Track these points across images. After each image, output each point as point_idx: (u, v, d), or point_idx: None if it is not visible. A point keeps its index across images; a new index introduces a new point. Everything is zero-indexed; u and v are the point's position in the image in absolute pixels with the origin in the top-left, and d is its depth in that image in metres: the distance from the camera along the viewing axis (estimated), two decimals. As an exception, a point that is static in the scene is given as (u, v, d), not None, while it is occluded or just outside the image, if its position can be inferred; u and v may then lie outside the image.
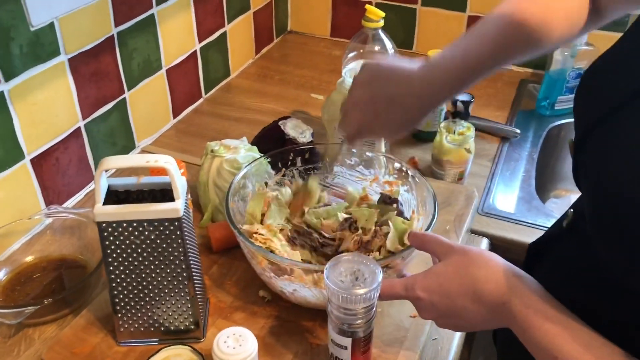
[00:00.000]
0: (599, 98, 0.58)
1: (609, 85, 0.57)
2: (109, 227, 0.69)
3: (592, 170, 0.55)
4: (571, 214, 0.67)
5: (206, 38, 1.37)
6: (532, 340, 0.57)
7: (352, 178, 0.95)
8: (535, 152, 1.24)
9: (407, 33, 1.59)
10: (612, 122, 0.54)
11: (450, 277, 0.63)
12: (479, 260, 0.63)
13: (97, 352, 0.77)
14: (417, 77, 0.72)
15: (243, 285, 0.87)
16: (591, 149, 0.56)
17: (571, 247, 0.65)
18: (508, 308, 0.58)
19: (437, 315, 0.66)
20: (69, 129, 1.04)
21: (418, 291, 0.65)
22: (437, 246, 0.68)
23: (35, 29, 0.92)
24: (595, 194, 0.54)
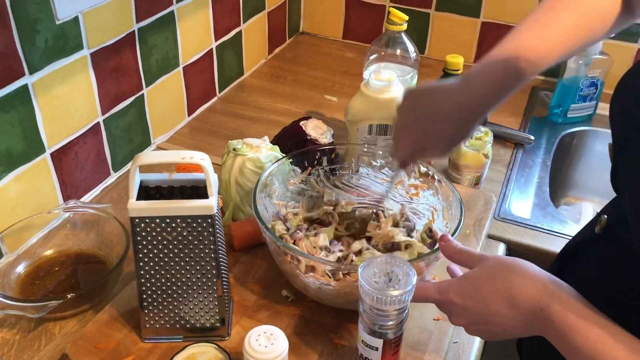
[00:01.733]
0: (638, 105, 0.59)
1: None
2: (141, 223, 0.69)
3: (636, 175, 0.55)
4: (604, 220, 0.67)
5: (222, 37, 1.36)
6: (573, 345, 0.56)
7: (378, 180, 0.95)
8: (549, 159, 1.25)
9: (420, 37, 1.60)
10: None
11: (484, 282, 0.63)
12: (514, 266, 0.62)
13: (122, 348, 0.77)
14: (457, 90, 0.72)
15: (266, 283, 0.87)
16: (635, 154, 0.56)
17: (606, 252, 0.65)
18: (546, 313, 0.58)
19: (469, 321, 0.65)
20: (88, 123, 1.03)
21: (452, 295, 0.64)
22: (469, 256, 0.68)
23: (60, 22, 0.91)
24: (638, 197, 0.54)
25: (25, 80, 0.88)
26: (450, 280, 0.67)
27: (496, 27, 1.51)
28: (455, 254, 0.70)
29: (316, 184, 0.95)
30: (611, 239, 0.65)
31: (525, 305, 0.60)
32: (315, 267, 0.76)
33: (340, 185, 0.98)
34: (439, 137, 0.74)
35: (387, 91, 0.98)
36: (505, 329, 0.63)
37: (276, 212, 0.90)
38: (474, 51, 1.56)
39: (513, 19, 1.48)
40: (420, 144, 0.75)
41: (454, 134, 0.74)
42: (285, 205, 0.92)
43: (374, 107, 0.98)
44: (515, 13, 1.47)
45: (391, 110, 0.98)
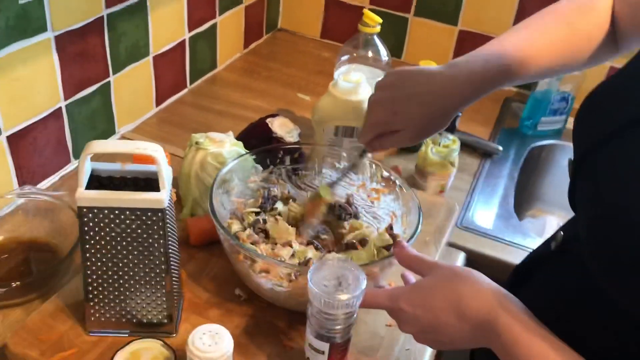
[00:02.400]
0: (599, 123, 0.59)
1: (610, 111, 0.58)
2: (89, 213, 0.67)
3: (590, 194, 0.55)
4: (560, 237, 0.67)
5: (196, 28, 1.34)
6: (515, 358, 0.56)
7: (341, 182, 0.94)
8: (516, 170, 1.26)
9: (398, 41, 1.60)
10: (613, 148, 0.54)
11: (435, 292, 0.63)
12: (465, 277, 0.62)
13: (65, 340, 0.75)
14: (438, 74, 0.72)
15: (219, 282, 0.85)
16: (590, 173, 0.57)
17: (560, 269, 0.65)
18: (493, 325, 0.58)
19: (418, 329, 0.65)
20: (49, 108, 1.01)
21: (402, 303, 0.64)
22: (422, 264, 0.68)
23: (23, 2, 0.89)
24: (593, 216, 0.55)
25: (-17, 60, 0.86)
26: (401, 288, 0.66)
27: (473, 36, 1.52)
28: (408, 261, 0.70)
29: (276, 182, 0.94)
30: (566, 256, 0.65)
31: (473, 317, 0.60)
32: (270, 268, 0.75)
33: (302, 185, 0.96)
34: (410, 119, 0.73)
35: (355, 93, 0.97)
36: (453, 340, 0.62)
37: (233, 210, 0.89)
38: (450, 58, 1.56)
39: (490, 28, 1.49)
40: (391, 124, 0.74)
41: (426, 119, 0.73)
42: (244, 203, 0.90)
43: (341, 108, 0.97)
44: (493, 23, 1.48)
45: (358, 112, 0.97)
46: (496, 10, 1.46)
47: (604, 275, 0.53)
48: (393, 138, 0.77)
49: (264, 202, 0.89)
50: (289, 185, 0.95)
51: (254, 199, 0.91)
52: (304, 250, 0.82)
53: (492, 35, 1.47)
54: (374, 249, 0.84)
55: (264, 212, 0.89)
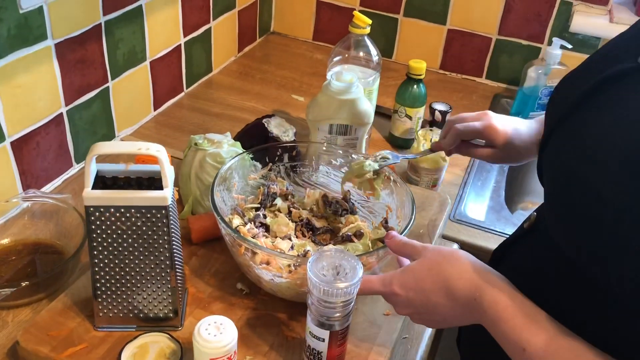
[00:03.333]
0: (562, 101, 0.64)
1: (572, 88, 0.62)
2: (96, 212, 0.70)
3: (551, 159, 0.60)
4: (534, 217, 0.72)
5: (191, 33, 1.37)
6: (502, 333, 0.60)
7: (337, 179, 0.98)
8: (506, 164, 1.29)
9: (388, 42, 1.63)
10: (568, 120, 0.59)
11: (424, 274, 0.67)
12: (450, 258, 0.66)
13: (74, 336, 0.77)
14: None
15: (221, 277, 0.88)
16: (551, 145, 0.61)
17: (531, 246, 0.69)
18: (479, 303, 0.62)
19: (413, 311, 0.69)
20: (51, 114, 1.04)
21: (395, 287, 0.68)
22: (412, 249, 0.72)
23: (24, 11, 0.92)
24: (553, 182, 0.59)
25: (-13, 68, 0.89)
26: (393, 273, 0.70)
27: (461, 34, 1.55)
28: (399, 247, 0.74)
29: (275, 180, 0.97)
30: (538, 233, 0.69)
31: (460, 296, 0.64)
32: (270, 259, 0.78)
33: (300, 182, 1.00)
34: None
35: (347, 92, 1.00)
36: (446, 318, 0.67)
37: (234, 206, 0.92)
38: (440, 57, 1.60)
39: (478, 27, 1.52)
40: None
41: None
42: (245, 199, 0.94)
43: (335, 107, 1.01)
44: (481, 22, 1.52)
45: (351, 110, 1.00)
46: (483, 9, 1.50)
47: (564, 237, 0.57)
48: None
49: (264, 198, 0.92)
50: (288, 182, 0.98)
51: (254, 195, 0.94)
52: (302, 244, 0.85)
53: (481, 34, 1.52)
54: (369, 242, 0.87)
55: (264, 208, 0.92)
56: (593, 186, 0.52)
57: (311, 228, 0.91)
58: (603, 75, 0.57)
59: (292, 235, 0.88)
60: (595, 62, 0.64)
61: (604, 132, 0.54)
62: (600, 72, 0.58)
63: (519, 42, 1.51)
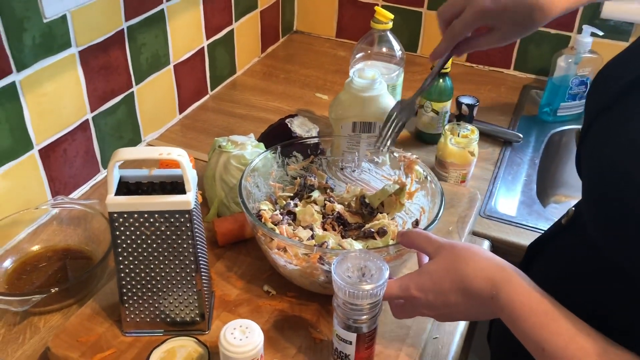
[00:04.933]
0: (603, 92, 0.61)
1: (612, 81, 0.60)
2: (120, 218, 0.70)
3: (591, 155, 0.58)
4: (572, 212, 0.69)
5: (214, 35, 1.38)
6: (520, 332, 0.59)
7: (378, 176, 0.97)
8: (537, 157, 1.26)
9: (412, 36, 1.61)
10: (612, 111, 0.56)
11: (441, 275, 0.65)
12: (466, 256, 0.64)
13: (103, 341, 0.78)
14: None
15: (248, 279, 0.88)
16: (591, 136, 0.59)
17: (569, 243, 0.67)
18: (496, 301, 0.61)
19: (435, 312, 0.68)
20: (77, 121, 1.05)
21: (413, 291, 0.67)
22: (426, 243, 0.70)
23: (48, 20, 0.93)
24: (593, 176, 0.56)
25: (13, 77, 0.90)
26: (409, 276, 0.68)
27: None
28: (411, 241, 0.72)
29: (316, 172, 0.98)
30: (576, 229, 0.67)
31: (478, 295, 0.62)
32: (286, 246, 0.78)
33: (342, 177, 1.00)
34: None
35: (370, 89, 0.98)
36: (467, 315, 0.66)
37: (270, 193, 0.93)
38: (466, 50, 1.57)
39: (504, 17, 1.49)
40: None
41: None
42: (283, 188, 0.95)
43: (358, 104, 0.99)
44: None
45: (374, 107, 0.99)
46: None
47: (602, 235, 0.55)
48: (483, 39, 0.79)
49: (300, 189, 0.94)
50: (328, 176, 0.98)
51: (292, 185, 0.96)
52: (324, 235, 0.84)
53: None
54: (391, 240, 0.85)
55: (299, 198, 0.93)
56: (636, 180, 0.50)
57: (342, 223, 0.90)
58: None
59: (317, 226, 0.87)
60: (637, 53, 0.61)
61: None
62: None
63: (547, 31, 1.47)
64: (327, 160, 0.98)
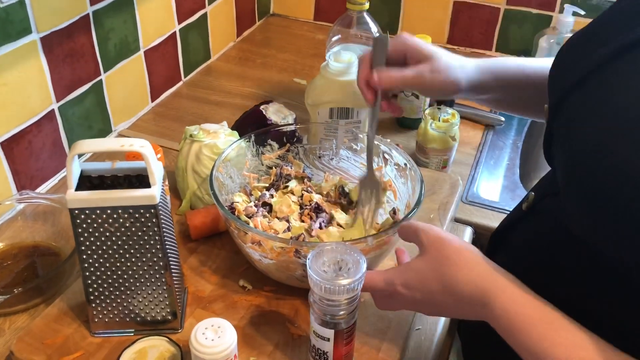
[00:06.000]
0: (573, 65, 0.58)
1: (584, 53, 0.57)
2: (81, 214, 0.66)
3: (568, 136, 0.55)
4: (532, 197, 0.67)
5: (186, 19, 1.33)
6: (517, 343, 0.55)
7: (357, 164, 0.94)
8: (520, 140, 1.23)
9: (392, 17, 1.57)
10: (588, 87, 0.54)
11: (429, 274, 0.63)
12: (456, 259, 0.61)
13: (70, 343, 0.74)
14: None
15: (223, 274, 0.84)
16: (567, 116, 0.56)
17: (532, 229, 0.65)
18: (490, 311, 0.58)
19: (420, 309, 0.66)
20: (42, 111, 1.00)
21: (398, 287, 0.65)
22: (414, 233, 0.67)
23: (4, 5, 0.87)
24: (571, 151, 0.53)
25: (-32, 67, 0.85)
26: (395, 271, 0.66)
27: (468, 6, 1.48)
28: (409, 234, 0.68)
29: (293, 160, 0.94)
30: (538, 214, 0.65)
31: (468, 300, 0.60)
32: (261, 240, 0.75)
33: (319, 165, 0.96)
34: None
35: (346, 73, 0.95)
36: (454, 314, 0.64)
37: (244, 184, 0.90)
38: (447, 31, 1.53)
39: (485, -3, 1.46)
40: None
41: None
42: (258, 178, 0.91)
43: (334, 89, 0.95)
44: (488, -9, 1.45)
45: (352, 92, 0.95)
46: (490, -23, 1.43)
47: (585, 221, 0.52)
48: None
49: (276, 179, 0.90)
50: (306, 165, 0.95)
51: (268, 175, 0.92)
52: (300, 227, 0.81)
53: (488, 5, 1.45)
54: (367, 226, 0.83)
55: (275, 189, 0.89)
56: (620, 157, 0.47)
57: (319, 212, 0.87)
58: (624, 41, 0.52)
59: (294, 217, 0.84)
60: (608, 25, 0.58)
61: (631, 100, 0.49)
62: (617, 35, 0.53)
63: (528, 11, 1.44)
64: (304, 149, 0.95)
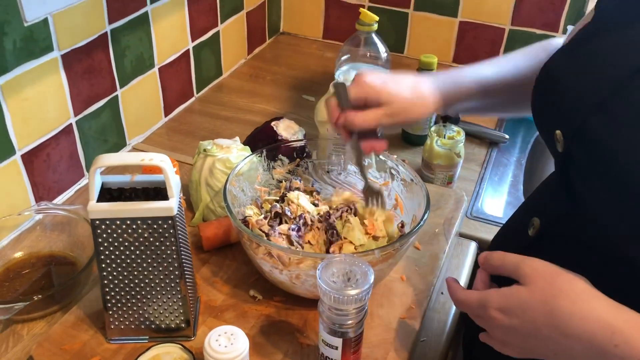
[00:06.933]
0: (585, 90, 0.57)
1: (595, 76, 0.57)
2: (102, 225, 0.69)
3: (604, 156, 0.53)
4: (538, 223, 0.65)
5: (199, 37, 1.37)
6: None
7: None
8: (524, 157, 1.26)
9: (399, 37, 1.61)
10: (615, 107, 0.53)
11: (535, 306, 0.56)
12: (569, 291, 0.55)
13: (87, 349, 0.77)
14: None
15: (234, 284, 0.87)
16: (594, 139, 0.54)
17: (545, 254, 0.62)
18: (624, 351, 0.52)
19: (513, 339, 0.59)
20: (60, 125, 1.03)
21: (493, 311, 0.59)
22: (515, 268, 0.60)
23: (29, 24, 0.91)
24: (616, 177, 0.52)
25: (-7, 82, 0.89)
26: (492, 293, 0.60)
27: (474, 26, 1.52)
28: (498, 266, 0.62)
29: (302, 175, 0.97)
30: (549, 238, 0.64)
31: (584, 339, 0.54)
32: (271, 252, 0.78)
33: (328, 180, 0.99)
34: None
35: (356, 91, 0.98)
36: (557, 353, 0.57)
37: (255, 197, 0.92)
38: (452, 50, 1.57)
39: (491, 18, 1.49)
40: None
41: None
42: (269, 192, 0.94)
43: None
44: (494, 12, 1.48)
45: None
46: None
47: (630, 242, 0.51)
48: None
49: (286, 193, 0.92)
50: (314, 179, 0.98)
51: (278, 189, 0.95)
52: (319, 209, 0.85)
53: (493, 25, 1.49)
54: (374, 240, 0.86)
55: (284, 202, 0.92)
56: None
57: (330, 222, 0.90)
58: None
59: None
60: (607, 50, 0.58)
61: None
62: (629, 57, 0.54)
63: (533, 31, 1.47)
64: (313, 164, 0.98)
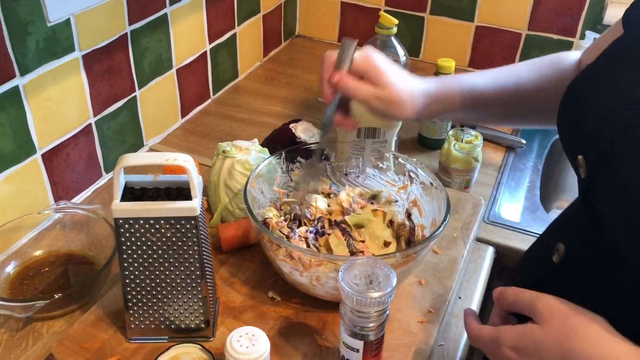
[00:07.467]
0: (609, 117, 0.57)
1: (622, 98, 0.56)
2: (125, 224, 0.70)
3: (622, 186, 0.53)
4: (562, 250, 0.64)
5: (216, 39, 1.37)
6: None
7: (382, 182, 0.97)
8: (540, 163, 1.26)
9: (415, 41, 1.61)
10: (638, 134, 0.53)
11: (550, 347, 0.55)
12: (586, 332, 0.54)
13: (107, 348, 0.77)
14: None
15: (252, 285, 0.87)
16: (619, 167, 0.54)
17: (571, 281, 0.61)
18: None
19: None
20: (80, 125, 1.04)
21: (506, 350, 0.58)
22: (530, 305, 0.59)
23: (52, 24, 0.92)
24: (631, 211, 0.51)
25: (16, 81, 0.89)
26: (506, 330, 0.59)
27: (490, 31, 1.52)
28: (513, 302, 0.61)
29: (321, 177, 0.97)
30: (574, 266, 0.62)
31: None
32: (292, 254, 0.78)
33: (345, 182, 0.99)
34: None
35: (375, 94, 0.98)
36: None
37: (274, 199, 0.93)
38: (469, 55, 1.57)
39: (507, 22, 1.49)
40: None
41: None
42: (287, 194, 0.94)
43: (362, 110, 0.98)
44: (510, 17, 1.48)
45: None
46: (512, 4, 1.46)
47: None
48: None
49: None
50: (332, 182, 0.98)
51: (296, 191, 0.95)
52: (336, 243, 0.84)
53: (510, 30, 1.49)
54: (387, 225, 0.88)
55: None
56: None
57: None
58: None
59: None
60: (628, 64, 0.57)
61: None
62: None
63: (549, 36, 1.47)
64: (332, 166, 0.98)
